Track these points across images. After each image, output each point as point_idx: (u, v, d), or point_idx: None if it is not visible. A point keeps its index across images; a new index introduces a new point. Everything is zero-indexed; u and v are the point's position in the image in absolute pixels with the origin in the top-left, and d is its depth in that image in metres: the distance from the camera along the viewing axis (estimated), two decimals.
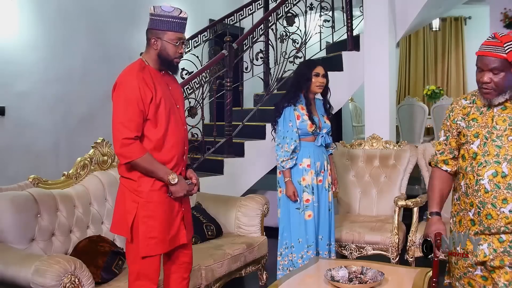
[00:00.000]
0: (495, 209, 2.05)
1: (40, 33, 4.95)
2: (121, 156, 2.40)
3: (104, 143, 3.50)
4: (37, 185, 3.05)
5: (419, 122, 7.36)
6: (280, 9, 5.47)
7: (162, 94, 2.46)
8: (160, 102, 2.43)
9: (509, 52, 2.02)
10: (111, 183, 3.42)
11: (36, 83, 4.90)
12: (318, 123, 3.52)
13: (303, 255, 3.45)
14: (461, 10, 9.56)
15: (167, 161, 2.47)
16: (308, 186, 3.47)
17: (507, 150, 2.05)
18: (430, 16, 6.90)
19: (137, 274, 2.47)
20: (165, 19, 2.43)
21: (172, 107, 2.51)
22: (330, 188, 3.60)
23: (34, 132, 4.87)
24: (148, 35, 2.51)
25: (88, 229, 3.21)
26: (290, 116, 3.46)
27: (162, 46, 2.47)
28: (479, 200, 2.10)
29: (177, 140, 2.52)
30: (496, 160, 2.06)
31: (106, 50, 5.57)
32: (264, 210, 3.98)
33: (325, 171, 3.57)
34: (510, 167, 2.03)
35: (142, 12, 6.08)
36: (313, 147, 3.51)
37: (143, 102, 2.38)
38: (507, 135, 2.07)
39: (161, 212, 2.46)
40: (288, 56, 5.39)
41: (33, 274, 2.41)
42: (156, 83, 2.45)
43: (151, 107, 2.40)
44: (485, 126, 2.12)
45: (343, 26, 5.86)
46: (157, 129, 2.43)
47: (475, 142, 2.13)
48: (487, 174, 2.06)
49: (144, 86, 2.40)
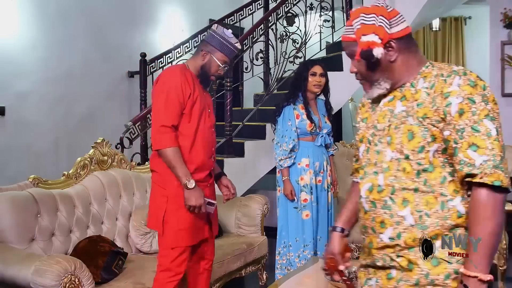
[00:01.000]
0: (375, 235, 1.56)
1: (40, 33, 4.95)
2: (154, 141, 2.59)
3: (104, 143, 3.50)
4: (37, 185, 3.05)
5: None
6: (280, 9, 5.47)
7: (199, 94, 2.68)
8: (196, 100, 2.64)
9: (357, 30, 1.52)
10: (111, 183, 3.42)
11: (36, 83, 4.90)
12: (318, 123, 3.52)
13: (300, 255, 3.46)
14: (461, 10, 9.55)
15: (195, 159, 2.63)
16: (306, 186, 3.47)
17: (384, 156, 1.54)
18: (430, 16, 6.90)
19: (166, 265, 2.61)
20: (223, 41, 2.68)
21: (205, 109, 2.72)
22: (330, 189, 3.60)
23: (34, 132, 4.87)
24: (202, 46, 2.75)
25: (88, 229, 3.21)
26: (289, 115, 3.47)
27: (209, 61, 2.70)
28: (362, 224, 1.63)
29: (206, 139, 2.70)
30: (375, 170, 1.56)
31: (106, 50, 5.57)
32: (264, 210, 3.99)
33: (325, 172, 3.56)
34: (386, 180, 1.52)
35: (142, 12, 6.08)
36: (312, 147, 3.50)
37: (183, 95, 2.59)
38: (386, 135, 1.55)
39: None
40: (288, 56, 5.39)
41: (33, 274, 2.41)
42: (195, 84, 2.69)
43: (188, 102, 2.61)
44: (372, 127, 1.63)
45: (343, 26, 5.85)
46: (190, 124, 2.63)
47: (360, 149, 1.67)
48: (364, 189, 1.58)
49: (185, 82, 2.61)
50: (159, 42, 6.26)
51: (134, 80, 5.84)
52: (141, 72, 5.51)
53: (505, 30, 6.43)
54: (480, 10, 8.85)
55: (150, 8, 6.25)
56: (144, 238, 3.40)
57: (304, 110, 3.48)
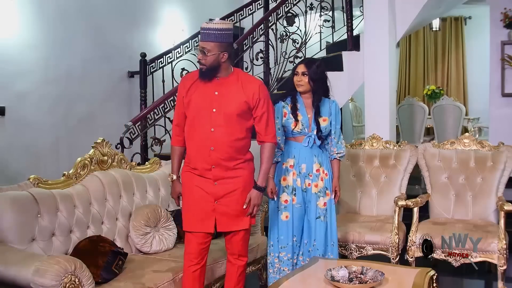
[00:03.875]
0: None
1: (39, 33, 4.95)
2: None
3: (104, 143, 3.49)
4: (37, 185, 3.04)
5: (419, 122, 7.36)
6: (280, 9, 5.47)
7: (198, 96, 2.85)
8: (190, 102, 2.86)
9: None
10: (111, 183, 3.42)
11: (36, 83, 4.90)
12: (308, 123, 3.39)
13: (278, 256, 3.40)
14: (461, 10, 9.56)
15: (191, 153, 2.90)
16: (288, 187, 3.38)
17: None
18: (430, 16, 6.91)
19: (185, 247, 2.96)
20: (222, 32, 2.79)
21: (203, 110, 2.84)
22: (324, 194, 3.39)
23: (34, 132, 4.87)
24: (220, 48, 2.83)
25: (88, 229, 3.21)
26: (278, 112, 3.37)
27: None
28: None
29: (200, 139, 2.85)
30: None
31: (106, 50, 5.57)
32: (264, 210, 3.98)
33: (315, 175, 3.38)
34: None
35: (142, 12, 6.08)
36: (299, 148, 3.38)
37: (179, 96, 2.95)
38: None
39: (186, 192, 2.94)
40: (288, 56, 5.39)
41: (33, 274, 2.41)
42: (194, 87, 2.87)
43: (184, 102, 2.90)
44: None
45: (343, 26, 5.86)
46: (187, 122, 2.91)
47: None
48: None
49: (182, 85, 2.95)
50: (159, 42, 6.27)
51: (134, 80, 5.84)
52: (141, 72, 5.52)
53: (505, 30, 6.44)
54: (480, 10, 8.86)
55: (150, 8, 6.26)
56: (144, 238, 3.40)
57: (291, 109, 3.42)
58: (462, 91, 10.09)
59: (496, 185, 4.02)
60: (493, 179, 4.04)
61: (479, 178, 4.09)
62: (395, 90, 6.31)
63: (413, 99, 7.66)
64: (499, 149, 4.12)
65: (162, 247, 3.44)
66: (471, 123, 8.45)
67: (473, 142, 4.23)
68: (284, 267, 3.40)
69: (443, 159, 4.22)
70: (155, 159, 3.97)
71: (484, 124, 8.04)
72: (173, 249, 3.47)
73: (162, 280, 2.93)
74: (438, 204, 4.16)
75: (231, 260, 3.06)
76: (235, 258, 3.04)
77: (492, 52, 6.55)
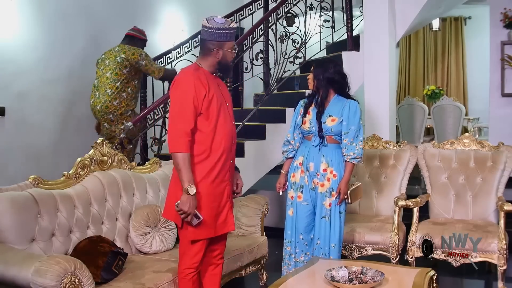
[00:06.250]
0: None
1: (39, 33, 4.95)
2: (169, 144, 2.68)
3: (104, 143, 3.50)
4: (37, 186, 3.04)
5: (419, 122, 7.36)
6: (280, 9, 5.47)
7: (214, 92, 2.76)
8: (212, 98, 2.73)
9: None
10: (111, 183, 3.42)
11: (36, 83, 4.90)
12: (315, 122, 3.40)
13: (285, 249, 3.52)
14: (461, 10, 9.56)
15: (216, 149, 2.74)
16: (295, 184, 3.47)
17: None
18: (430, 16, 6.90)
19: (184, 256, 2.80)
20: (224, 31, 2.74)
21: (222, 104, 2.81)
22: (330, 195, 3.37)
23: (34, 132, 4.87)
24: (208, 45, 2.78)
25: (88, 229, 3.21)
26: (297, 110, 3.55)
27: (223, 54, 2.80)
28: None
29: (226, 133, 2.79)
30: None
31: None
32: (264, 210, 3.99)
33: (322, 175, 3.38)
34: None
35: (142, 12, 6.08)
36: (309, 147, 3.44)
37: (197, 98, 2.68)
38: None
39: (207, 203, 2.73)
40: (288, 56, 5.39)
41: (33, 275, 2.41)
42: (209, 82, 2.76)
43: (204, 102, 2.70)
44: None
45: (343, 26, 5.87)
46: (209, 122, 2.72)
47: None
48: None
49: (199, 84, 2.70)
50: (159, 42, 6.26)
51: None
52: None
53: (505, 30, 6.44)
54: (480, 10, 8.86)
55: (150, 8, 6.25)
56: (144, 238, 3.40)
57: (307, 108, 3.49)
58: (462, 91, 10.09)
59: (496, 185, 4.03)
60: (493, 179, 4.04)
61: (479, 178, 4.09)
62: (395, 90, 6.31)
63: (413, 99, 7.66)
64: (499, 149, 4.12)
65: (162, 247, 3.44)
66: (471, 123, 8.45)
67: (473, 142, 4.23)
68: (288, 261, 3.52)
69: (443, 159, 4.22)
70: (155, 159, 3.97)
71: (484, 124, 8.04)
72: (173, 249, 3.47)
73: (162, 280, 2.93)
74: (438, 204, 4.16)
75: (215, 262, 3.00)
76: (219, 258, 3.02)
77: (492, 52, 6.55)
